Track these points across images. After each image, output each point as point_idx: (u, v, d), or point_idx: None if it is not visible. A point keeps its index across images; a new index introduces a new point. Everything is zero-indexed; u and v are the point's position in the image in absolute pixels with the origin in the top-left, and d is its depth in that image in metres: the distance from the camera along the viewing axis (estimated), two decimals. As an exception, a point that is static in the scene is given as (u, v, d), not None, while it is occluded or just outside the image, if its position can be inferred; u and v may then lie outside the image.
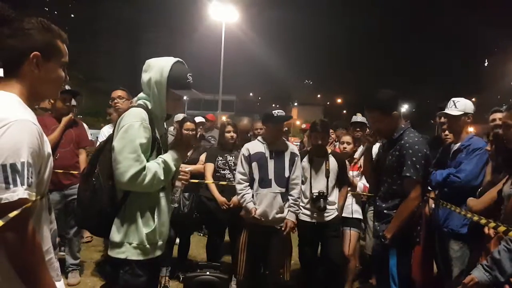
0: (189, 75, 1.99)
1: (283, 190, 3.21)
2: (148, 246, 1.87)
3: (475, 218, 2.44)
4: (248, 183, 3.26)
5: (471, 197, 2.72)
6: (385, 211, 2.58)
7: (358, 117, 4.53)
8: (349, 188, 3.69)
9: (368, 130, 4.36)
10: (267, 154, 3.22)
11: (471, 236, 2.79)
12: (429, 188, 3.09)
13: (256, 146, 3.31)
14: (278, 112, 3.24)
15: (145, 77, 1.95)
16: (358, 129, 4.40)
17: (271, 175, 3.18)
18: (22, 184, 1.13)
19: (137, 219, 1.85)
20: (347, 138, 3.97)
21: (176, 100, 2.00)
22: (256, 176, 3.21)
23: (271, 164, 3.20)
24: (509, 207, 2.10)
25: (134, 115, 1.84)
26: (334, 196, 3.51)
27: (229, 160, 3.92)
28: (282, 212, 3.19)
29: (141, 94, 2.01)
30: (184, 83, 1.97)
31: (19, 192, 1.12)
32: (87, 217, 1.91)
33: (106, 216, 1.86)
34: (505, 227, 2.01)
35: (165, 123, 2.13)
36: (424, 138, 2.67)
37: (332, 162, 3.50)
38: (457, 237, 2.94)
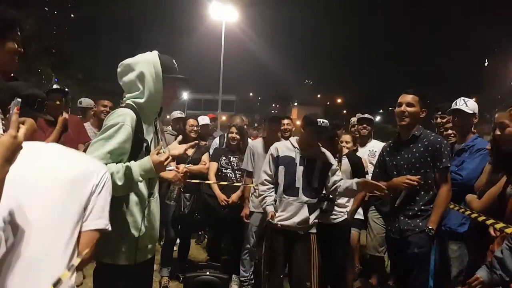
0: (174, 61, 2.03)
1: (312, 200, 2.92)
2: (137, 250, 1.85)
3: (474, 215, 2.44)
4: (272, 186, 3.01)
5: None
6: (422, 207, 2.63)
7: (365, 115, 4.52)
8: None
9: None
10: (297, 160, 2.93)
11: (470, 235, 2.79)
12: None
13: (286, 148, 3.01)
14: (323, 122, 2.86)
15: (131, 76, 1.91)
16: (365, 125, 4.39)
17: (298, 183, 2.90)
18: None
19: (126, 224, 1.82)
20: (346, 138, 3.96)
21: (172, 87, 1.99)
22: (281, 181, 2.94)
23: (299, 171, 2.90)
24: (510, 207, 2.10)
25: (117, 115, 1.81)
26: (345, 199, 3.41)
27: (232, 160, 4.02)
28: (307, 223, 2.91)
29: (128, 95, 1.96)
30: (174, 69, 2.00)
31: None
32: None
33: None
34: (504, 224, 2.01)
35: (158, 122, 2.08)
36: None
37: (344, 163, 3.40)
38: (455, 237, 2.95)
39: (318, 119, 2.87)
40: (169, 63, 1.98)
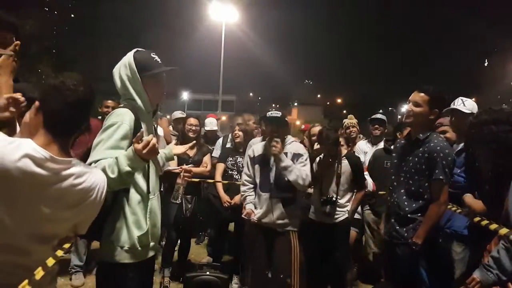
0: (153, 54, 1.98)
1: (285, 194, 3.01)
2: (140, 248, 1.86)
3: (476, 219, 2.43)
4: (252, 185, 3.17)
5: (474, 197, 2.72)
6: (409, 215, 2.51)
7: (378, 114, 4.51)
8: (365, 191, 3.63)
9: (378, 128, 4.35)
10: (268, 157, 3.07)
11: (471, 236, 2.79)
12: None
13: (261, 147, 3.17)
14: (272, 113, 3.12)
15: (117, 82, 1.95)
16: (376, 125, 4.37)
17: (272, 179, 3.04)
18: None
19: (128, 222, 1.84)
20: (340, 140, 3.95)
21: (154, 84, 1.96)
22: (258, 179, 3.11)
23: (272, 167, 3.04)
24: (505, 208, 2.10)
25: (116, 115, 1.84)
26: (346, 199, 3.44)
27: (239, 161, 4.02)
28: (284, 219, 3.01)
29: (122, 98, 1.99)
30: (153, 63, 1.95)
31: None
32: None
33: (95, 220, 1.84)
34: (502, 226, 2.01)
35: (156, 119, 2.11)
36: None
37: (345, 165, 3.41)
38: (460, 239, 2.94)
39: (268, 112, 3.12)
40: (145, 60, 1.93)
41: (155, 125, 2.12)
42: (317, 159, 3.48)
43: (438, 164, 2.41)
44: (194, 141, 2.68)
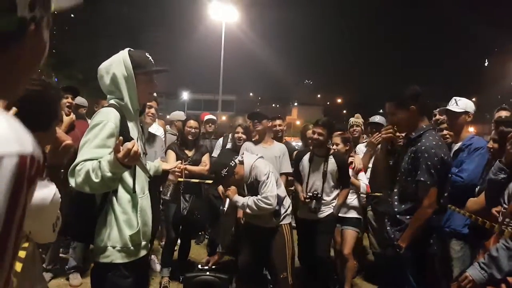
0: (147, 54, 2.01)
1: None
2: (132, 247, 1.86)
3: (474, 217, 2.44)
4: None
5: (473, 195, 2.72)
6: (397, 216, 2.44)
7: (376, 117, 4.53)
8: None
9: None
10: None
11: (472, 236, 2.79)
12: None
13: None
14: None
15: (106, 79, 1.94)
16: (374, 129, 4.40)
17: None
18: None
19: (119, 221, 1.84)
20: (337, 140, 3.96)
21: (146, 82, 1.98)
22: None
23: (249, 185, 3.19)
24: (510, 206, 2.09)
25: (101, 115, 1.85)
26: (332, 196, 3.49)
27: None
28: (269, 221, 3.07)
29: (109, 98, 1.99)
30: (147, 62, 1.98)
31: None
32: (67, 223, 1.80)
33: (86, 221, 1.84)
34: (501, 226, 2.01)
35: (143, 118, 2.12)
36: (443, 142, 2.51)
37: (331, 163, 3.47)
38: (459, 237, 2.94)
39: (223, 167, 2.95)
40: (140, 58, 1.96)
41: (142, 125, 2.12)
42: (307, 155, 3.52)
43: (420, 164, 2.31)
44: (180, 161, 2.69)
